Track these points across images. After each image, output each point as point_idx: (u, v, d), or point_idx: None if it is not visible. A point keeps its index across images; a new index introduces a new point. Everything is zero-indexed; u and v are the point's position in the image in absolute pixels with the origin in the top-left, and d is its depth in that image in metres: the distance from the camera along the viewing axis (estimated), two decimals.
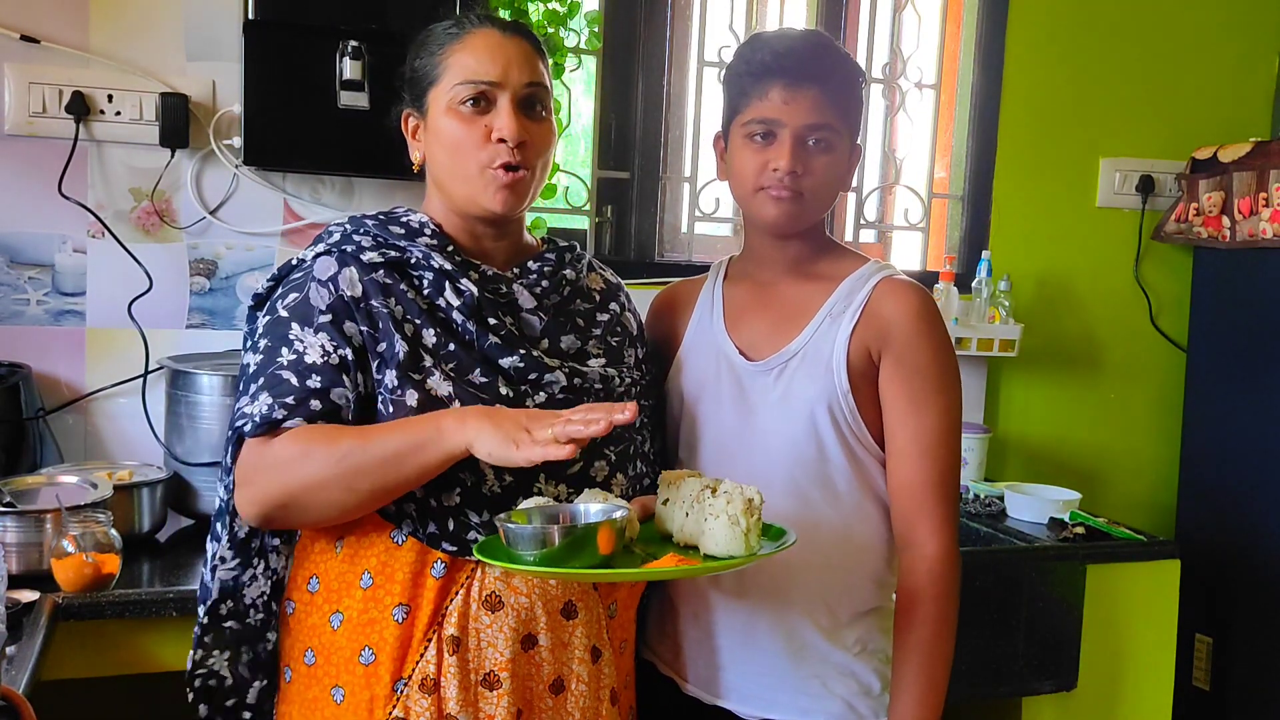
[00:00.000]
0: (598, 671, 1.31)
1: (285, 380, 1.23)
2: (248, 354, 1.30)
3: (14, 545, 1.63)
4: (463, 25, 1.35)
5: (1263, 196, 2.62)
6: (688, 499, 1.22)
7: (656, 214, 2.63)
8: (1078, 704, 2.26)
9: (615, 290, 1.50)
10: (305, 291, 1.29)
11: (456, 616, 1.25)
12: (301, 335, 1.26)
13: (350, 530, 1.28)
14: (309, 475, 1.18)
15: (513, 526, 1.14)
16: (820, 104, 1.38)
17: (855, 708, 1.43)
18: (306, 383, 1.23)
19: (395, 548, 1.26)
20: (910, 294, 1.41)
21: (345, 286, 1.28)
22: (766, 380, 1.43)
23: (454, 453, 1.15)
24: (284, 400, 1.22)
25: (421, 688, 1.24)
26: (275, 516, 1.23)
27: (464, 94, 1.31)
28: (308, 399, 1.22)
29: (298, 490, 1.19)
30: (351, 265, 1.30)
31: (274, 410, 1.21)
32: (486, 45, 1.32)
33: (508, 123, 1.30)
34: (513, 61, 1.32)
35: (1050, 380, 2.88)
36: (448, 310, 1.30)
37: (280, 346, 1.26)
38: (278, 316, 1.29)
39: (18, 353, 2.10)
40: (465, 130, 1.31)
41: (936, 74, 2.83)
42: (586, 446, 1.31)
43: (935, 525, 1.38)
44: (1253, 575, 2.70)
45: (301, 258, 1.35)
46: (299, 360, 1.24)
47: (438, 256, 1.31)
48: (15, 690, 1.17)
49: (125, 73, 2.12)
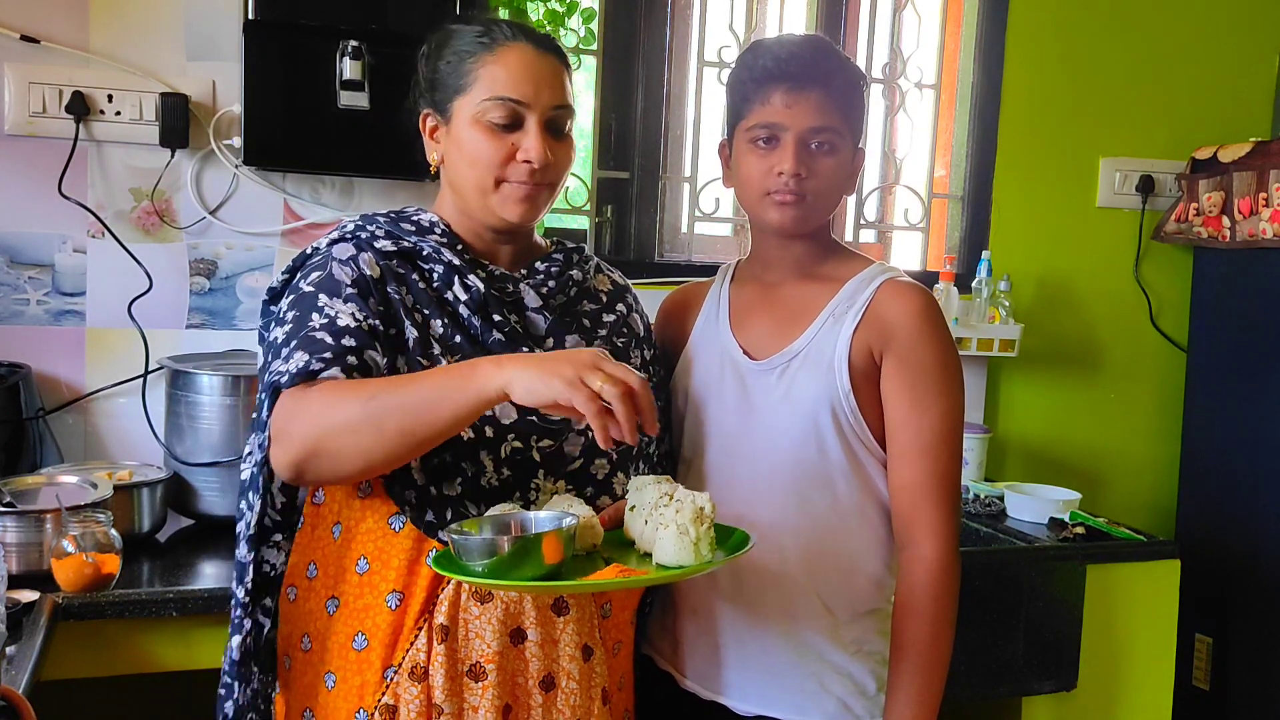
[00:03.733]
0: (589, 670, 1.31)
1: (320, 339, 1.22)
2: (274, 329, 1.28)
3: (14, 545, 1.63)
4: (494, 36, 1.33)
5: (1263, 196, 2.62)
6: (648, 505, 1.22)
7: (656, 214, 2.63)
8: (1078, 704, 2.26)
9: (623, 292, 1.51)
10: (328, 269, 1.30)
11: (447, 606, 1.25)
12: (330, 304, 1.26)
13: (348, 516, 1.28)
14: (339, 418, 1.16)
15: (458, 538, 1.13)
16: (822, 107, 1.39)
17: (850, 707, 1.43)
18: (341, 341, 1.22)
19: (392, 534, 1.26)
20: (914, 295, 1.42)
21: (365, 267, 1.30)
22: (769, 379, 1.44)
23: (488, 395, 1.11)
24: (320, 355, 1.20)
25: (411, 675, 1.25)
26: (307, 467, 1.18)
27: (494, 112, 1.31)
28: (344, 355, 1.21)
29: (328, 434, 1.16)
30: (368, 251, 1.31)
31: (311, 363, 1.20)
32: (521, 62, 1.32)
33: (535, 145, 1.30)
34: (544, 82, 1.32)
35: (1050, 380, 2.88)
36: (455, 304, 1.31)
37: (310, 313, 1.25)
38: (303, 292, 1.29)
39: (18, 353, 2.10)
40: (492, 146, 1.31)
41: (936, 74, 2.83)
42: (590, 442, 1.32)
43: (935, 526, 1.38)
44: (1253, 575, 2.70)
45: (315, 247, 1.36)
46: (331, 323, 1.24)
47: (447, 252, 1.33)
48: (15, 690, 1.17)
49: (125, 73, 2.13)
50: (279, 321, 1.28)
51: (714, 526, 1.18)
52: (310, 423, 1.17)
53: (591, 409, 1.07)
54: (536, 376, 1.09)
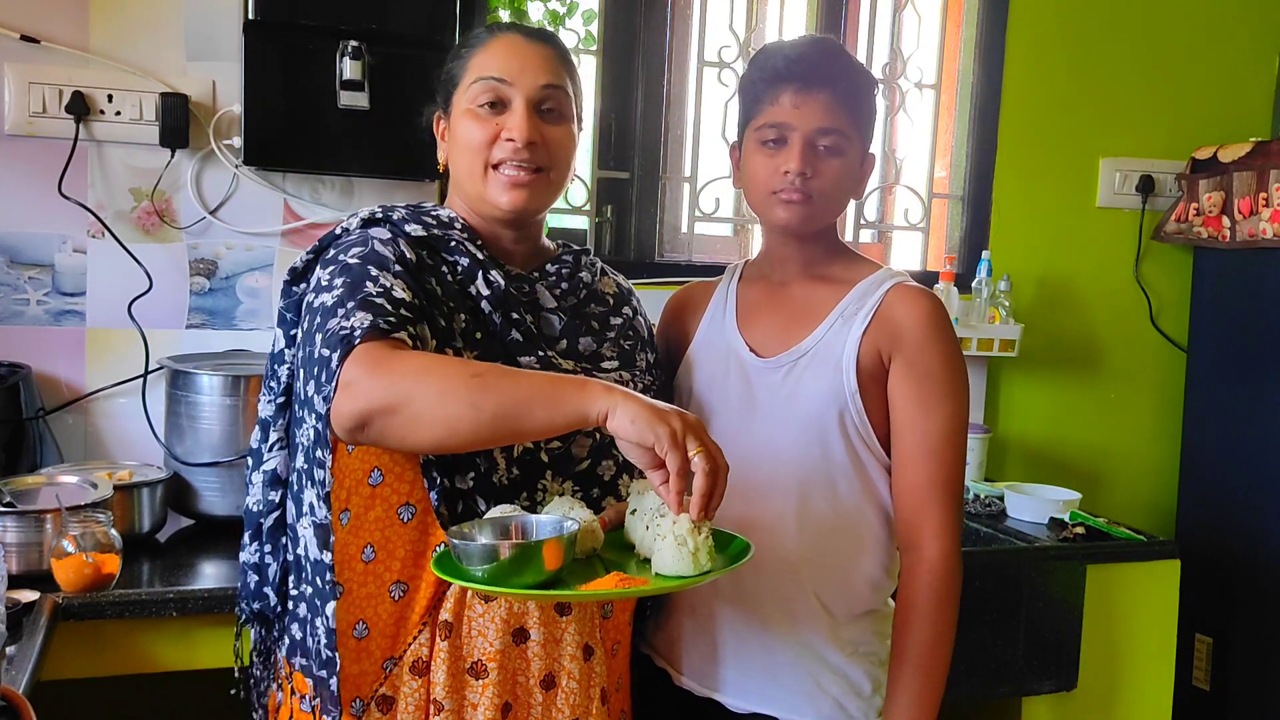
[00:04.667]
0: (589, 670, 1.31)
1: (380, 304, 1.20)
2: (319, 296, 1.24)
3: (14, 545, 1.63)
4: (491, 31, 1.38)
5: (1263, 196, 2.62)
6: (649, 512, 1.22)
7: (656, 214, 2.63)
8: (1078, 704, 2.27)
9: (628, 295, 1.53)
10: (370, 245, 1.28)
11: (452, 602, 1.25)
12: (382, 275, 1.24)
13: (357, 504, 1.27)
14: (437, 383, 1.12)
15: (458, 542, 1.13)
16: (830, 108, 1.39)
17: (845, 708, 1.43)
18: (401, 311, 1.20)
19: (400, 525, 1.26)
20: (923, 300, 1.43)
21: (406, 250, 1.29)
22: (775, 378, 1.44)
23: (589, 415, 1.09)
24: (385, 317, 1.18)
25: (413, 670, 1.25)
26: (375, 422, 1.14)
27: (478, 92, 1.33)
28: (406, 322, 1.20)
29: (418, 394, 1.12)
30: (403, 236, 1.31)
31: (379, 321, 1.17)
32: (506, 46, 1.35)
33: (518, 122, 1.32)
34: (529, 63, 1.34)
35: (1050, 380, 2.88)
36: (478, 299, 1.32)
37: (364, 281, 1.22)
38: (348, 263, 1.25)
39: (18, 353, 2.10)
40: (479, 129, 1.33)
41: (936, 74, 2.83)
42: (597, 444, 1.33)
43: (937, 528, 1.38)
44: (1253, 575, 2.70)
45: (345, 227, 1.34)
46: (387, 293, 1.22)
47: (470, 247, 1.34)
48: (15, 690, 1.17)
49: (125, 73, 2.13)
50: (323, 289, 1.24)
51: (714, 534, 1.18)
52: (401, 378, 1.13)
53: (679, 468, 1.08)
54: (643, 415, 1.08)
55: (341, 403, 1.15)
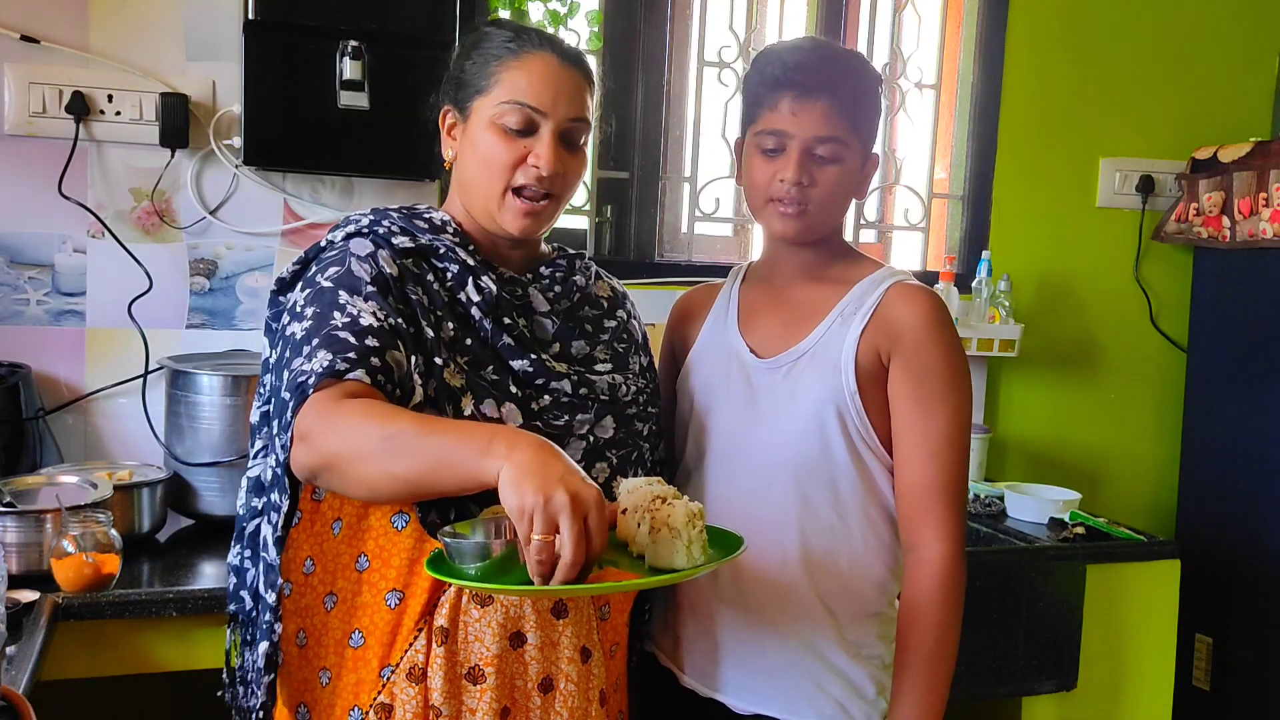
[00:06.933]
0: (587, 672, 1.31)
1: (343, 339, 1.21)
2: (291, 323, 1.26)
3: (14, 545, 1.63)
4: (522, 42, 1.34)
5: (1263, 196, 2.62)
6: (641, 508, 1.22)
7: (656, 214, 2.63)
8: (1078, 704, 2.27)
9: (622, 299, 1.52)
10: (346, 265, 1.28)
11: (448, 608, 1.25)
12: (351, 301, 1.24)
13: (350, 512, 1.27)
14: (356, 444, 1.14)
15: (451, 541, 1.13)
16: (829, 115, 1.39)
17: (847, 709, 1.43)
18: (365, 341, 1.21)
19: (395, 533, 1.26)
20: (922, 298, 1.42)
21: (384, 265, 1.29)
22: (775, 378, 1.44)
23: (482, 478, 1.08)
24: (344, 355, 1.19)
25: (409, 676, 1.25)
26: (319, 476, 1.18)
27: (510, 115, 1.32)
28: (368, 355, 1.20)
29: (342, 455, 1.15)
30: (386, 248, 1.31)
31: (336, 363, 1.18)
32: (543, 71, 1.33)
33: (546, 153, 1.31)
34: (563, 93, 1.33)
35: (1050, 380, 2.88)
36: (467, 305, 1.31)
37: (332, 311, 1.24)
38: (321, 287, 1.27)
39: (18, 353, 2.10)
40: (504, 149, 1.32)
41: (936, 74, 2.83)
42: (591, 447, 1.33)
43: (940, 529, 1.38)
44: (1253, 575, 2.70)
45: (331, 239, 1.35)
46: (354, 322, 1.22)
47: (461, 252, 1.33)
48: (15, 690, 1.17)
49: (125, 73, 2.13)
50: (296, 316, 1.27)
51: (709, 530, 1.18)
52: (332, 438, 1.15)
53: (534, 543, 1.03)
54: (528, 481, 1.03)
55: (296, 453, 1.19)
